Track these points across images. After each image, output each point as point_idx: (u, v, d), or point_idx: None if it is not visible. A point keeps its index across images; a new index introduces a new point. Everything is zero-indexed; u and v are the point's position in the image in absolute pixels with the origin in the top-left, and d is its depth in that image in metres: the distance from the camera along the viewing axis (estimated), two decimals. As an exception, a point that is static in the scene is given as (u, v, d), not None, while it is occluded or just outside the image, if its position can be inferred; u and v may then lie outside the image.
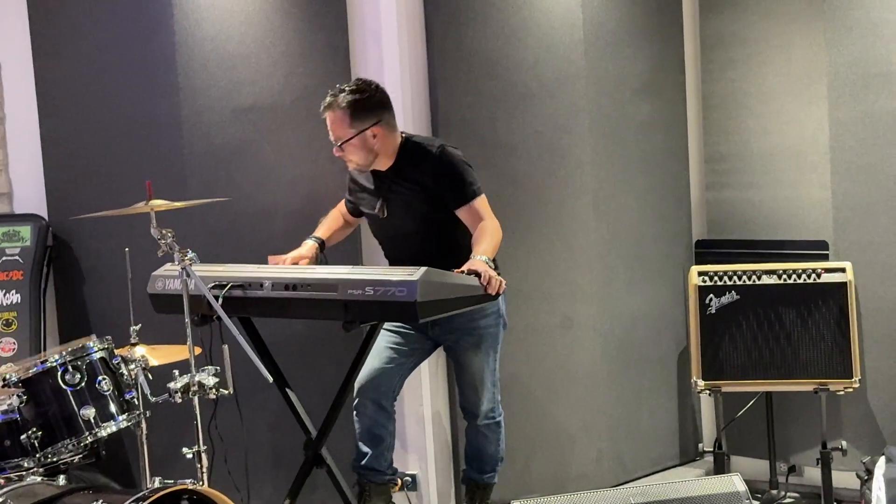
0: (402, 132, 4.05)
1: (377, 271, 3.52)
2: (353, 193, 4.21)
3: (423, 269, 3.36)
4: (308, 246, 4.11)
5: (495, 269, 3.75)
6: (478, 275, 3.58)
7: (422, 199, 3.95)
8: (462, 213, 3.91)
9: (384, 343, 4.05)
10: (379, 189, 4.03)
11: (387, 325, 4.02)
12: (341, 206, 4.33)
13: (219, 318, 3.47)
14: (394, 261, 4.10)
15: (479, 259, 3.69)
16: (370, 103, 3.90)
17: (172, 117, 4.43)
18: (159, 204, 3.56)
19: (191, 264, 3.43)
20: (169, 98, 4.43)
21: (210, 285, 3.57)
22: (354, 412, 4.09)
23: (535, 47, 4.69)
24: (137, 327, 3.94)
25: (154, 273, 3.90)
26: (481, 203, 3.93)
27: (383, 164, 3.99)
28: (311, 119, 4.53)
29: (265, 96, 4.51)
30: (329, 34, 4.62)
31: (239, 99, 4.47)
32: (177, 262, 3.44)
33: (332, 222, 4.28)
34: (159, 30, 4.41)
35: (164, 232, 3.45)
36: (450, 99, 4.63)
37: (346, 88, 3.91)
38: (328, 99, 3.91)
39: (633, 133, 4.96)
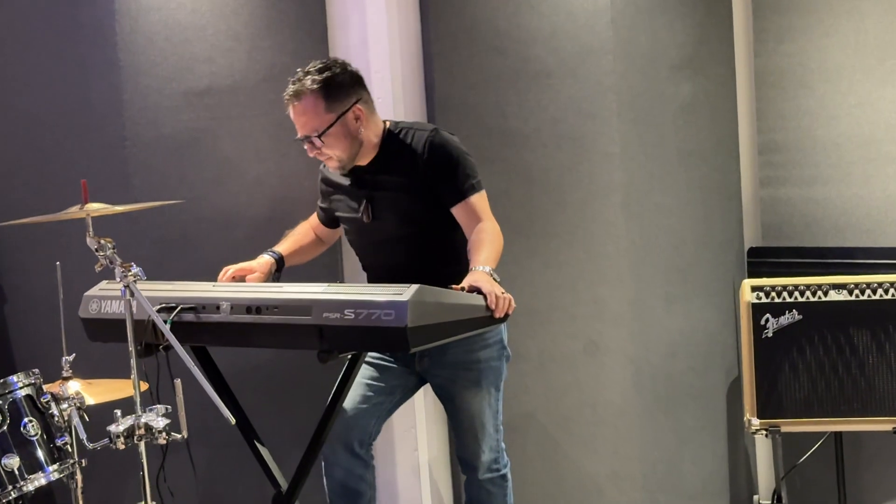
0: (385, 120, 4.05)
1: (359, 290, 3.50)
2: (327, 197, 4.21)
3: (415, 287, 3.35)
4: (262, 261, 4.11)
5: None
6: (481, 293, 3.57)
7: (412, 195, 3.95)
8: (458, 212, 3.92)
9: (359, 377, 4.00)
10: (361, 188, 4.03)
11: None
12: (313, 219, 4.35)
13: (168, 348, 3.47)
14: (378, 273, 4.10)
15: (481, 270, 3.66)
16: (345, 79, 3.91)
17: (111, 102, 4.45)
18: (97, 208, 3.57)
19: (135, 281, 3.43)
20: (107, 78, 4.44)
21: (157, 307, 3.56)
22: (323, 462, 4.09)
23: (551, 15, 4.71)
24: (71, 358, 3.95)
25: (87, 293, 3.88)
26: (480, 200, 3.92)
27: (365, 157, 3.99)
28: (279, 103, 4.53)
29: (224, 76, 4.53)
30: (302, 1, 4.64)
31: (192, 80, 4.49)
32: (118, 279, 3.44)
33: (299, 237, 4.28)
34: (95, -4, 4.44)
35: (102, 242, 3.45)
36: (448, 79, 4.64)
37: (311, 69, 3.90)
38: (292, 87, 3.89)
39: (672, 118, 4.96)
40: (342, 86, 3.89)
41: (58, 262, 3.97)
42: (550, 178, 4.74)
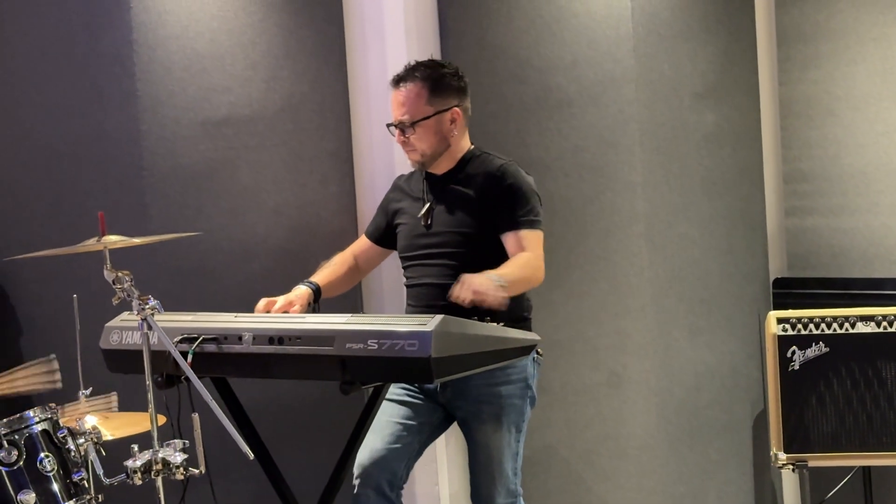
0: (472, 144, 4.19)
1: (381, 320, 3.50)
2: (392, 205, 4.26)
3: (439, 317, 3.35)
4: (299, 292, 4.10)
5: (525, 314, 3.74)
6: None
7: (472, 213, 4.03)
8: (507, 239, 3.98)
9: (387, 417, 4.04)
10: (429, 194, 4.14)
11: (389, 393, 4.01)
12: (355, 245, 4.38)
13: (187, 380, 3.46)
14: (419, 289, 4.12)
15: (486, 276, 3.70)
16: (454, 81, 4.09)
17: (129, 133, 4.44)
18: (114, 240, 3.55)
19: (153, 313, 3.42)
20: (125, 109, 4.44)
21: (176, 339, 3.56)
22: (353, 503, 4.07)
23: (573, 43, 4.71)
24: (87, 392, 3.94)
25: (108, 324, 3.90)
26: (533, 236, 3.98)
27: (442, 167, 4.13)
28: (298, 133, 4.57)
29: (242, 106, 4.53)
30: (320, 30, 4.65)
31: (210, 110, 4.49)
32: (136, 311, 3.43)
33: (336, 267, 4.28)
34: (113, 25, 4.43)
35: (120, 274, 3.44)
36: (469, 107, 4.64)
37: (425, 62, 4.10)
38: (402, 72, 4.08)
39: (695, 147, 4.96)
40: (449, 86, 4.07)
41: (74, 295, 3.95)
42: (572, 207, 4.74)
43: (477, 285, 3.62)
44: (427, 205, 4.11)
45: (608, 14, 4.71)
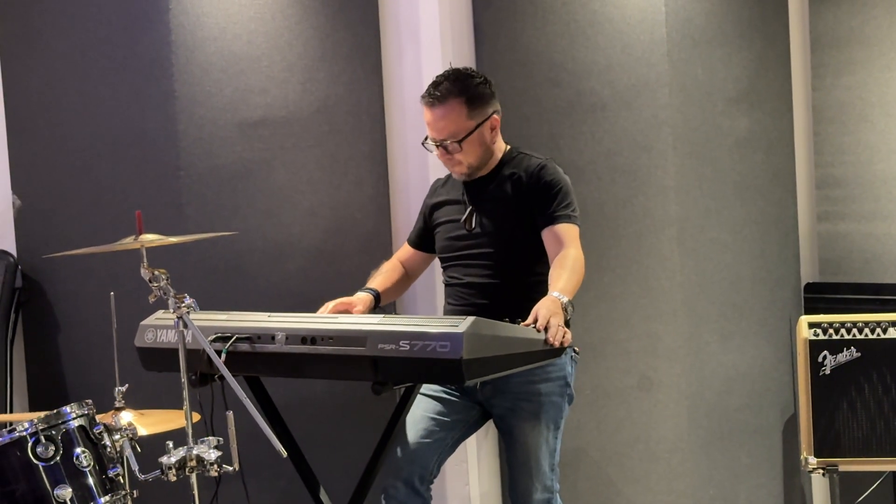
0: (506, 143, 4.18)
1: (414, 321, 3.51)
2: (431, 210, 4.25)
3: (471, 319, 3.35)
4: (362, 296, 4.11)
5: (569, 314, 3.75)
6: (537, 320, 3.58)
7: (513, 214, 4.03)
8: (546, 235, 3.98)
9: (421, 411, 4.04)
10: (470, 198, 4.12)
11: (425, 388, 4.02)
12: (400, 253, 4.38)
13: (221, 378, 3.47)
14: (460, 288, 4.12)
15: (555, 297, 3.71)
16: (486, 89, 4.05)
17: (167, 133, 4.47)
18: (151, 239, 3.56)
19: (188, 312, 3.43)
20: (163, 109, 4.47)
21: (211, 337, 3.58)
22: (382, 495, 4.07)
23: (607, 48, 4.71)
24: (123, 388, 3.95)
25: (143, 322, 3.92)
26: (570, 229, 3.98)
27: (482, 170, 4.11)
28: (333, 135, 4.59)
29: (278, 107, 4.55)
30: (356, 33, 4.66)
31: (247, 111, 4.51)
32: (171, 310, 3.45)
33: (388, 273, 4.27)
34: (151, 27, 4.46)
35: (156, 273, 3.45)
36: (503, 110, 4.64)
37: (455, 75, 4.02)
38: (434, 90, 3.99)
39: (728, 152, 4.95)
40: (483, 96, 4.03)
41: (111, 293, 3.97)
42: (605, 211, 4.73)
43: (556, 320, 3.59)
44: (469, 209, 4.09)
45: (642, 19, 4.71)
